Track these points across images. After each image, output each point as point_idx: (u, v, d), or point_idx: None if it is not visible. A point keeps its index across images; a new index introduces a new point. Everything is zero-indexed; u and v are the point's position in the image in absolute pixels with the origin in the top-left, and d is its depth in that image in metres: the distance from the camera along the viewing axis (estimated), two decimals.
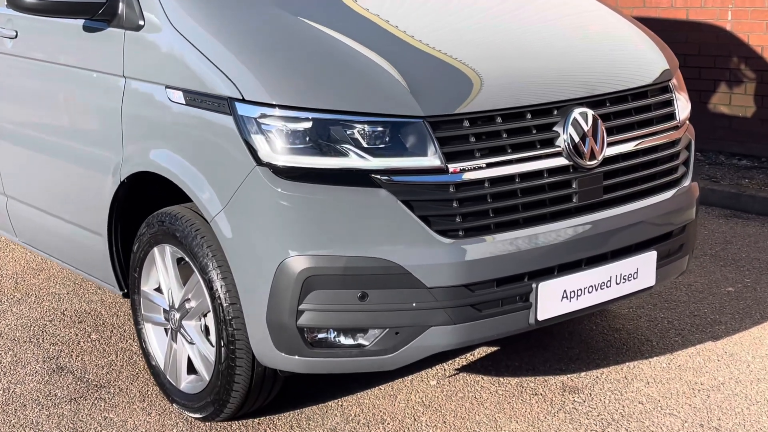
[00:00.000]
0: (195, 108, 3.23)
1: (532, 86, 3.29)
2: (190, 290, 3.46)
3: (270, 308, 3.07)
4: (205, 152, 3.22)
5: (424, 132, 3.03)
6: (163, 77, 3.36)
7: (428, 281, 3.03)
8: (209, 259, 3.25)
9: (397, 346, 3.09)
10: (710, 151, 7.38)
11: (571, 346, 4.14)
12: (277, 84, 3.07)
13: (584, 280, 3.29)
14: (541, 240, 3.19)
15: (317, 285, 3.01)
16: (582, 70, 3.46)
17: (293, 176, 3.01)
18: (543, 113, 3.25)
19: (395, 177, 3.01)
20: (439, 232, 3.04)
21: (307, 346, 3.09)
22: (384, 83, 3.08)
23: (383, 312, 3.05)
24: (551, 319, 3.27)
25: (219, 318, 3.27)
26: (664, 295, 4.67)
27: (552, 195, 3.24)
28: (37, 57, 4.03)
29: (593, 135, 3.29)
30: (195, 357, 3.52)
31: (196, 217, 3.34)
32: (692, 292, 4.75)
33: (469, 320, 3.11)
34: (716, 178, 6.76)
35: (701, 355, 4.03)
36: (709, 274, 4.99)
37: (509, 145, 3.16)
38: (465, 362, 4.00)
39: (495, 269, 3.11)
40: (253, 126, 3.05)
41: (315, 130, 3.01)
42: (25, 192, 4.35)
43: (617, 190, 3.41)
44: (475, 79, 3.22)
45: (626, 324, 4.36)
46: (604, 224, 3.34)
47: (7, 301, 4.80)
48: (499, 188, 3.13)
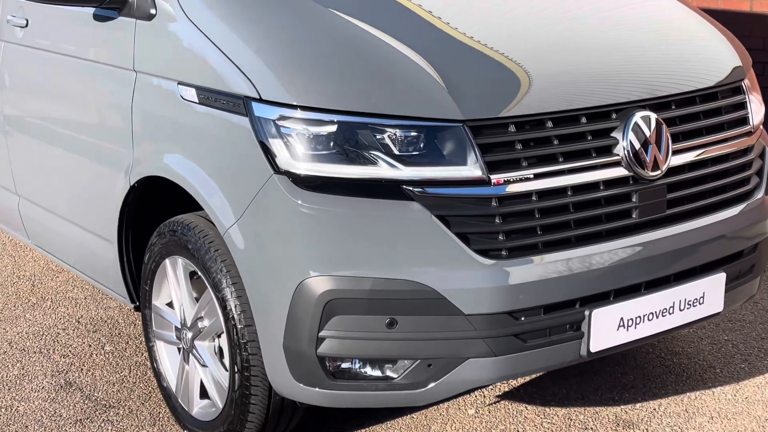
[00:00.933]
0: (208, 107, 2.90)
1: (587, 86, 2.92)
2: (203, 308, 3.14)
3: (287, 334, 2.74)
4: (219, 157, 2.90)
5: (464, 138, 2.68)
6: (175, 72, 3.04)
7: (466, 307, 2.68)
8: (223, 275, 2.93)
9: (429, 379, 2.75)
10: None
11: (626, 372, 3.76)
12: (299, 82, 2.74)
13: (644, 306, 2.92)
14: (596, 261, 2.82)
15: (340, 309, 2.68)
16: (644, 69, 3.07)
17: (315, 186, 2.68)
18: (600, 117, 2.87)
19: (430, 189, 2.66)
20: (478, 252, 2.68)
21: (329, 377, 2.76)
22: (419, 82, 2.73)
23: (414, 341, 2.71)
24: (606, 350, 2.91)
25: (233, 341, 2.95)
26: (727, 315, 4.26)
27: (609, 210, 2.87)
28: (47, 48, 3.74)
29: (656, 142, 2.91)
30: (208, 381, 3.21)
31: (210, 227, 3.02)
32: (759, 311, 4.33)
33: (512, 352, 2.75)
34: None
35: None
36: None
37: (560, 154, 2.79)
38: (507, 388, 3.64)
39: (542, 294, 2.75)
40: (271, 129, 2.71)
41: (340, 135, 2.67)
42: (36, 192, 4.07)
43: (683, 205, 3.03)
44: (522, 78, 2.85)
45: (686, 347, 3.96)
46: (668, 243, 2.96)
47: (21, 305, 4.54)
48: (549, 202, 2.77)
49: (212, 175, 2.91)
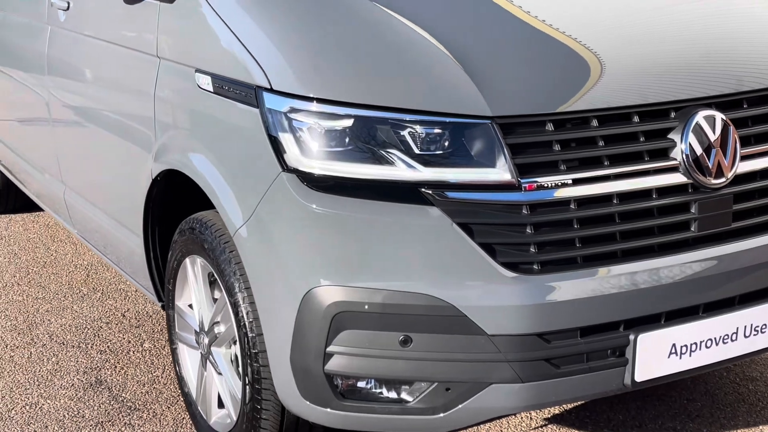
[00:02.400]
0: (222, 97, 2.69)
1: (642, 81, 2.58)
2: (219, 312, 2.94)
3: (294, 347, 2.51)
4: (231, 151, 2.68)
5: (492, 136, 2.38)
6: (193, 59, 2.84)
7: (489, 327, 2.39)
8: (236, 278, 2.72)
9: (448, 405, 2.47)
10: None
11: (692, 399, 3.39)
12: (313, 72, 2.49)
13: (701, 331, 2.57)
14: (645, 279, 2.49)
15: (349, 323, 2.43)
16: (711, 62, 2.71)
17: (325, 186, 2.43)
18: (655, 116, 2.54)
19: (451, 193, 2.38)
20: (506, 265, 2.39)
21: (337, 397, 2.51)
22: (444, 74, 2.45)
23: (431, 362, 2.43)
24: (654, 380, 2.57)
25: (244, 350, 2.73)
26: None
27: (663, 222, 2.54)
28: (84, 32, 3.59)
29: (722, 146, 2.56)
30: (223, 390, 3.00)
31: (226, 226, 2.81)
32: None
33: (541, 378, 2.45)
34: None
35: None
36: None
37: (606, 156, 2.47)
38: (557, 411, 3.32)
39: (580, 315, 2.44)
40: (282, 122, 2.48)
41: (356, 131, 2.42)
42: (77, 180, 3.95)
43: (751, 217, 2.66)
44: (564, 70, 2.54)
45: (765, 372, 3.57)
46: (733, 260, 2.60)
47: (72, 296, 4.45)
48: (590, 211, 2.45)
49: (224, 171, 2.69)
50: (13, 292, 4.49)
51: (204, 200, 2.88)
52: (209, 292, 3.01)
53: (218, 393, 3.05)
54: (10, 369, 3.74)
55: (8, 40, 4.50)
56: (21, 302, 4.37)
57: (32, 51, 4.07)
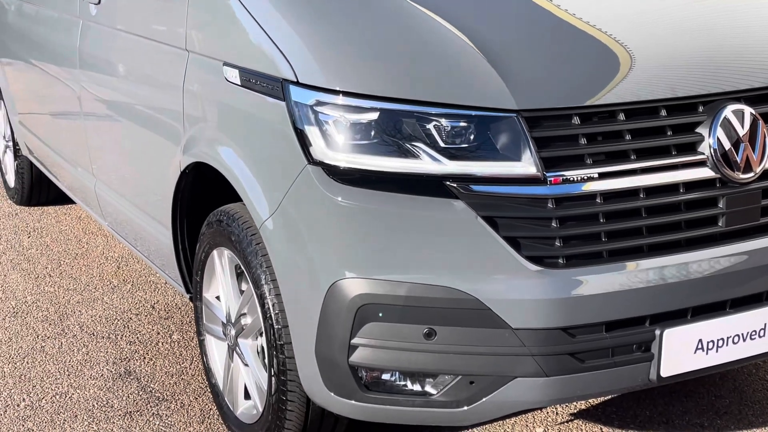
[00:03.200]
0: (249, 90, 2.71)
1: (669, 74, 2.56)
2: (245, 304, 2.95)
3: (319, 339, 2.52)
4: (258, 144, 2.70)
5: (518, 130, 2.38)
6: (220, 52, 2.86)
7: (513, 321, 2.39)
8: (262, 270, 2.73)
9: (472, 398, 2.47)
10: None
11: (721, 395, 3.36)
12: (339, 65, 2.50)
13: (728, 326, 2.55)
14: (672, 274, 2.48)
15: (373, 316, 2.43)
16: (739, 56, 2.69)
17: (351, 179, 2.44)
18: (683, 110, 2.52)
19: (476, 186, 2.37)
20: (530, 259, 2.39)
21: (362, 389, 2.52)
22: (469, 67, 2.45)
23: (455, 355, 2.43)
24: (681, 376, 2.56)
25: (270, 342, 2.75)
26: None
27: (689, 216, 2.52)
28: (117, 26, 3.63)
29: (750, 140, 2.54)
30: (250, 382, 3.02)
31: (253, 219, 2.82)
32: None
33: (566, 373, 2.44)
34: None
35: None
36: None
37: (633, 150, 2.46)
38: (584, 406, 3.31)
39: (605, 309, 2.43)
40: (308, 115, 2.49)
41: (381, 124, 2.42)
42: (108, 173, 3.99)
43: None
44: (591, 64, 2.53)
45: None
46: (760, 256, 2.59)
47: (102, 287, 4.49)
48: (617, 205, 2.44)
49: (250, 163, 2.71)
50: (45, 284, 4.54)
51: (232, 193, 2.90)
52: (236, 284, 3.03)
53: (245, 384, 3.07)
54: (41, 359, 3.79)
55: (40, 34, 4.55)
56: (53, 293, 4.43)
57: (64, 45, 4.12)
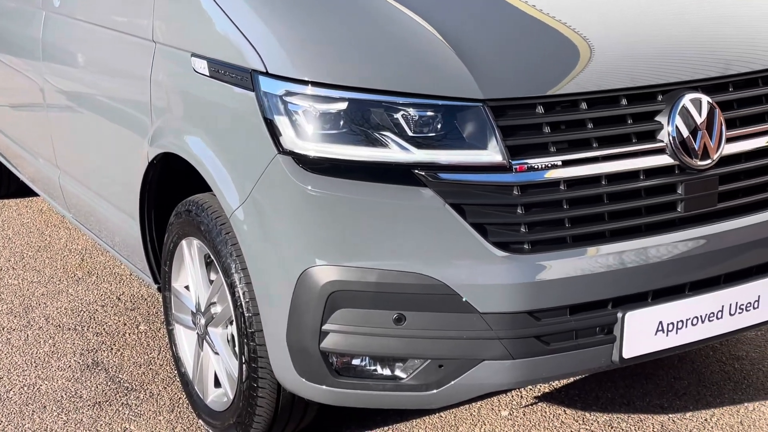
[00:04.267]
0: (218, 81, 2.73)
1: (630, 64, 2.64)
2: (215, 293, 2.99)
3: (290, 325, 2.56)
4: (227, 134, 2.73)
5: (484, 119, 2.44)
6: (188, 43, 2.88)
7: (481, 305, 2.45)
8: (232, 259, 2.77)
9: (441, 381, 2.53)
10: None
11: (680, 377, 3.46)
12: (308, 56, 2.54)
13: (687, 309, 2.63)
14: (633, 258, 2.55)
15: (344, 302, 2.48)
16: (698, 45, 2.77)
17: (321, 168, 2.48)
18: (643, 99, 2.60)
19: (444, 174, 2.43)
20: (497, 245, 2.45)
21: (333, 374, 2.57)
22: (436, 58, 2.50)
23: (424, 339, 2.49)
24: (642, 357, 2.64)
25: (241, 330, 2.79)
26: None
27: (650, 202, 2.60)
28: (80, 17, 3.63)
29: (708, 128, 2.62)
30: (220, 370, 3.06)
31: (222, 208, 2.86)
32: None
33: (532, 355, 2.51)
34: None
35: None
36: None
37: (595, 138, 2.53)
38: (547, 389, 3.39)
39: (569, 293, 2.50)
40: (278, 105, 2.53)
41: (350, 113, 2.47)
42: (72, 165, 3.99)
43: (737, 198, 2.73)
44: (554, 54, 2.60)
45: (751, 352, 3.64)
46: (718, 240, 2.67)
47: (67, 280, 4.49)
48: (579, 192, 2.51)
49: (220, 154, 2.74)
50: (8, 276, 4.53)
51: (200, 183, 2.93)
52: (206, 274, 3.06)
53: (215, 372, 3.11)
54: (7, 351, 3.79)
55: (2, 25, 4.53)
56: (16, 286, 4.42)
57: (27, 36, 4.10)
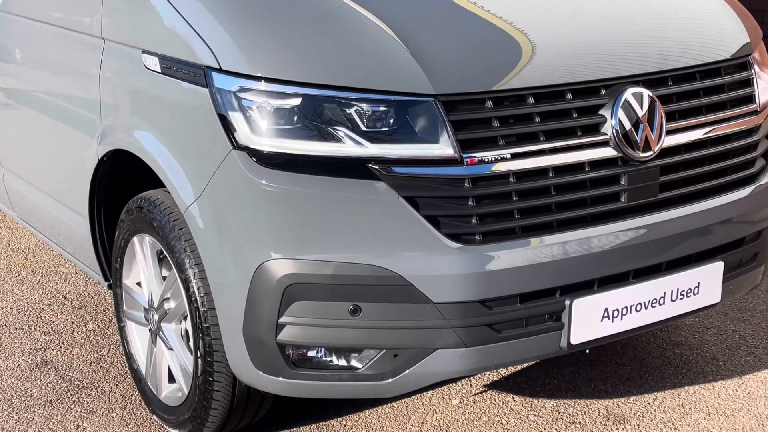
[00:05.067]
0: (170, 78, 2.75)
1: (574, 60, 2.72)
2: (168, 288, 3.01)
3: (247, 319, 2.60)
4: (181, 131, 2.75)
5: (435, 113, 2.50)
6: (139, 40, 2.90)
7: (435, 295, 2.51)
8: (186, 255, 2.79)
9: (396, 370, 2.59)
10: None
11: (623, 363, 3.57)
12: (262, 52, 2.57)
13: (631, 296, 2.73)
14: (579, 247, 2.64)
15: (301, 295, 2.53)
16: (639, 42, 2.87)
17: (276, 163, 2.52)
18: (586, 93, 2.68)
19: (397, 168, 2.49)
20: (449, 236, 2.51)
21: (290, 366, 2.61)
22: (388, 54, 2.55)
23: (379, 330, 2.55)
24: (589, 343, 2.73)
25: (196, 324, 2.81)
26: (738, 303, 4.05)
27: (594, 193, 2.69)
28: (26, 14, 3.60)
29: (649, 121, 2.72)
30: (174, 365, 3.08)
31: (175, 204, 2.88)
32: None
33: (484, 343, 2.59)
34: None
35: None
36: None
37: (542, 132, 2.61)
38: (496, 377, 3.47)
39: (519, 282, 2.58)
40: (232, 101, 2.56)
41: (304, 109, 2.51)
42: (17, 163, 3.96)
43: (677, 188, 2.83)
44: (502, 51, 2.67)
45: (690, 337, 3.77)
46: (659, 229, 2.77)
47: (11, 279, 4.44)
48: (528, 184, 2.59)
49: (174, 150, 2.76)
50: None
51: (152, 179, 2.94)
52: (158, 270, 3.08)
53: (168, 368, 3.12)
54: None
55: None
56: None
57: None
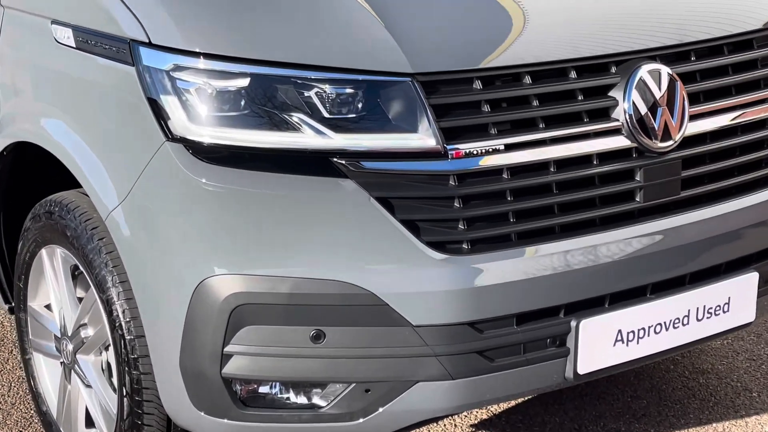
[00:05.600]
0: (87, 54, 2.76)
1: (579, 31, 2.78)
2: (85, 312, 3.01)
3: (184, 349, 2.61)
4: (100, 118, 2.76)
5: (413, 96, 2.53)
6: (47, 8, 2.91)
7: (414, 316, 2.54)
8: (108, 270, 2.80)
9: (368, 409, 2.61)
10: None
11: (637, 396, 3.63)
12: (201, 22, 2.59)
13: (650, 315, 2.78)
14: (587, 257, 2.69)
15: (251, 318, 2.54)
16: (656, 10, 2.93)
17: (219, 158, 2.53)
18: (594, 70, 2.73)
19: (368, 163, 2.51)
20: (431, 245, 2.54)
21: (237, 405, 2.63)
22: (357, 26, 2.58)
23: (347, 359, 2.57)
24: (599, 372, 2.77)
25: (120, 356, 2.82)
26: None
27: (605, 191, 2.73)
28: None
29: (668, 104, 2.77)
30: (93, 406, 3.08)
31: (95, 209, 2.88)
32: None
33: (474, 374, 2.61)
34: None
35: None
36: None
37: (541, 118, 2.65)
38: (486, 416, 3.52)
39: (515, 300, 2.61)
40: (164, 82, 2.57)
41: (253, 91, 2.53)
42: None
43: (702, 185, 2.89)
44: (494, 22, 2.71)
45: (717, 364, 3.84)
46: (681, 234, 2.82)
47: None
48: (525, 181, 2.63)
49: (91, 142, 2.77)
50: None
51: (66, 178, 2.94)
52: (72, 290, 3.08)
53: (86, 409, 3.12)
54: None
55: None
56: None
57: None
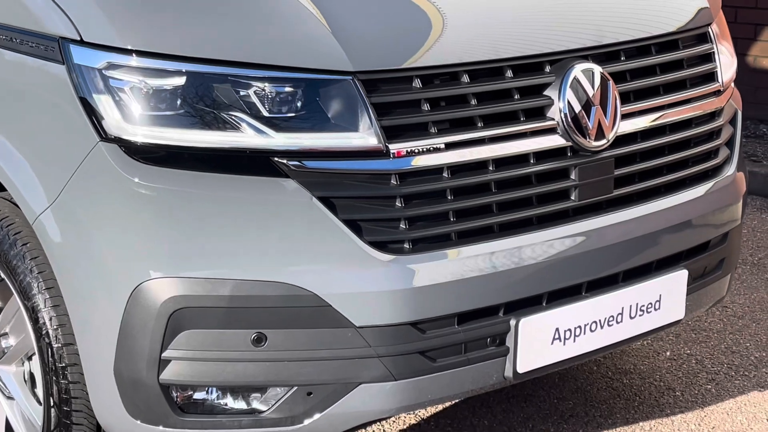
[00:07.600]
0: (12, 52, 2.77)
1: (515, 31, 2.89)
2: (7, 321, 3.01)
3: (120, 355, 2.62)
4: (27, 119, 2.77)
5: (354, 95, 2.60)
6: None
7: (357, 317, 2.60)
8: (33, 277, 2.79)
9: (310, 412, 2.66)
10: (750, 119, 7.05)
11: (564, 397, 3.74)
12: (134, 19, 2.62)
13: (585, 313, 2.89)
14: (525, 256, 2.78)
15: (190, 322, 2.57)
16: (588, 10, 3.05)
17: (155, 158, 2.56)
18: (529, 69, 2.83)
19: (309, 162, 2.57)
20: (374, 245, 2.61)
21: (175, 412, 2.65)
22: (296, 23, 2.63)
23: (288, 362, 2.61)
24: (538, 370, 2.88)
25: (47, 365, 2.81)
26: (691, 323, 4.30)
27: (541, 190, 2.84)
28: None
29: (601, 103, 2.88)
30: (15, 419, 3.07)
31: (17, 212, 2.88)
32: (728, 317, 4.39)
33: (417, 374, 2.69)
34: (757, 157, 6.48)
35: (743, 411, 3.67)
36: (752, 291, 4.65)
37: (480, 117, 2.74)
38: (414, 419, 3.58)
39: (456, 299, 2.70)
40: (97, 81, 2.59)
41: (190, 90, 2.56)
42: None
43: (634, 184, 3.01)
44: (433, 22, 2.79)
45: (639, 364, 3.98)
46: (615, 232, 2.94)
47: None
48: (465, 180, 2.71)
49: (17, 142, 2.78)
50: None
51: None
52: None
53: (7, 422, 3.10)
54: None
55: None
56: None
57: None
